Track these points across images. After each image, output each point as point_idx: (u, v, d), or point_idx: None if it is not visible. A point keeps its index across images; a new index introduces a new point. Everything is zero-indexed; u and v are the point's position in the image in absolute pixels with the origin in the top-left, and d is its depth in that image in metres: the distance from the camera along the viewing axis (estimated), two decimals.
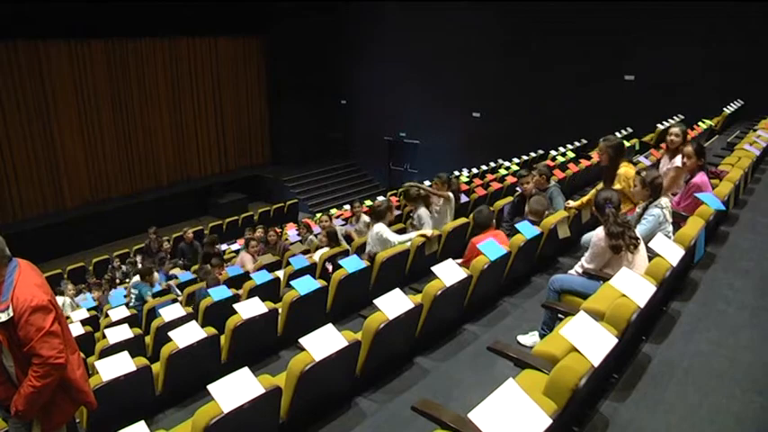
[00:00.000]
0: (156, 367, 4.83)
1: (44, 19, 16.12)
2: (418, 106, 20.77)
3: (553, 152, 14.70)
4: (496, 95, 18.74)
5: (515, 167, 14.55)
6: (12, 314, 2.87)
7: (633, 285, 3.40)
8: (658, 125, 12.69)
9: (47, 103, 17.20)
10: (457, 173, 16.87)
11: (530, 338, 4.47)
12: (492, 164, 17.33)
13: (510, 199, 7.82)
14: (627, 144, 10.42)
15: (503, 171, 14.42)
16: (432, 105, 20.41)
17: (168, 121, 20.49)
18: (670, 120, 13.08)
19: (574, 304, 4.06)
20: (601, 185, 5.78)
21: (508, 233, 5.91)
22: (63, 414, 3.19)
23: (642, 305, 3.27)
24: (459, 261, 5.14)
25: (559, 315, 4.06)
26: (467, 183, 13.10)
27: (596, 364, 2.71)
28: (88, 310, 9.17)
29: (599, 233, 4.24)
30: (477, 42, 18.78)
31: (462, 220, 7.00)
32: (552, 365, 2.79)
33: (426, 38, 19.88)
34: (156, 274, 9.16)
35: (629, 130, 14.99)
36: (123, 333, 5.91)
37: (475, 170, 16.93)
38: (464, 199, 9.86)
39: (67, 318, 8.16)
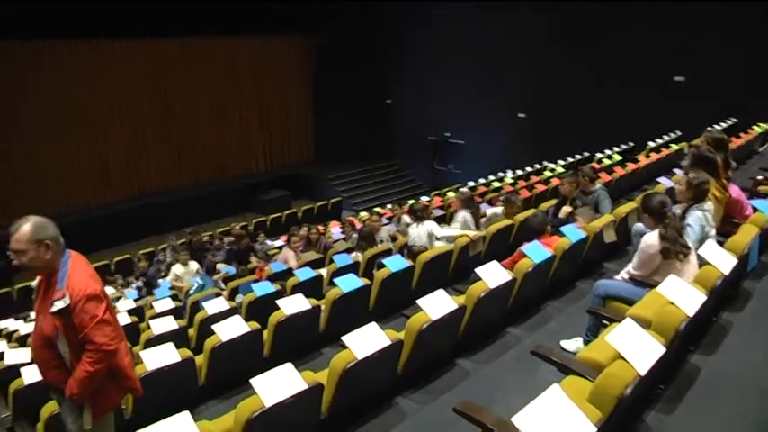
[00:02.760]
0: (200, 359, 4.92)
1: (91, 19, 16.71)
2: (463, 106, 20.63)
3: (599, 155, 14.45)
4: (543, 96, 18.45)
5: (560, 169, 14.35)
6: (68, 302, 2.98)
7: (681, 293, 3.32)
8: (708, 129, 12.31)
9: (91, 102, 18.05)
10: (501, 174, 16.76)
11: (573, 344, 4.40)
12: (537, 165, 17.12)
13: (555, 201, 7.73)
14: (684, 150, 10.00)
15: (548, 173, 14.23)
16: (477, 105, 20.25)
17: (213, 118, 20.92)
18: (721, 123, 12.71)
19: (619, 310, 3.98)
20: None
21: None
22: (111, 399, 3.29)
23: (691, 314, 3.19)
24: (504, 262, 5.10)
25: (604, 321, 3.99)
26: (511, 184, 12.97)
27: (643, 373, 2.65)
28: (135, 300, 9.41)
29: (647, 240, 4.14)
30: (523, 43, 18.54)
31: (506, 222, 6.94)
32: (597, 372, 2.75)
33: (473, 38, 19.72)
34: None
35: (678, 133, 14.62)
36: (168, 324, 6.03)
37: (520, 171, 16.76)
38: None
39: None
